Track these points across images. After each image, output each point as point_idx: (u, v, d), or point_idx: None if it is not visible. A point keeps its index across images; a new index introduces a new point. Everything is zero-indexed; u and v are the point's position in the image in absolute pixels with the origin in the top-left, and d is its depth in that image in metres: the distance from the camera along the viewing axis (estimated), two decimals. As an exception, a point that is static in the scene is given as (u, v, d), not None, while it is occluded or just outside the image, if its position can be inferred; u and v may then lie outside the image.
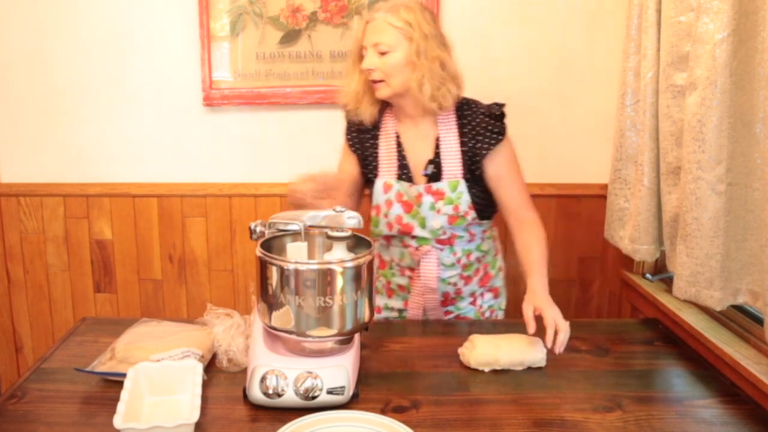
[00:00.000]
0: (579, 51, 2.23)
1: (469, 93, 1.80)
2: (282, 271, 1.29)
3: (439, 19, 2.19)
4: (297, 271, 1.28)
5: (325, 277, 1.28)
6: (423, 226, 1.68)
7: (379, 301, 1.86)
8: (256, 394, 1.28)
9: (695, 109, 1.44)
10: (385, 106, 1.72)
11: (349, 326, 1.33)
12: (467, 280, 1.76)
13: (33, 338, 2.48)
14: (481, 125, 1.66)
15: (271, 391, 1.27)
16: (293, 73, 2.25)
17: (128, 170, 2.36)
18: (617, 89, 1.87)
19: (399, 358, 1.53)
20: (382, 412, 1.28)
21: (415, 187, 1.67)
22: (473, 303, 1.80)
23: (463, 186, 1.66)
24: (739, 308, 1.62)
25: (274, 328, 1.33)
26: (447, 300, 1.77)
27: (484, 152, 1.65)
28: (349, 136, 1.77)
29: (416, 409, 1.31)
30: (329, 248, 1.38)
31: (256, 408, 1.30)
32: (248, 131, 2.32)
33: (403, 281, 1.79)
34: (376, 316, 1.85)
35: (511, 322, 1.80)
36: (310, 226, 1.37)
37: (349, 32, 2.22)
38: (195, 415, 1.18)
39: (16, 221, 2.40)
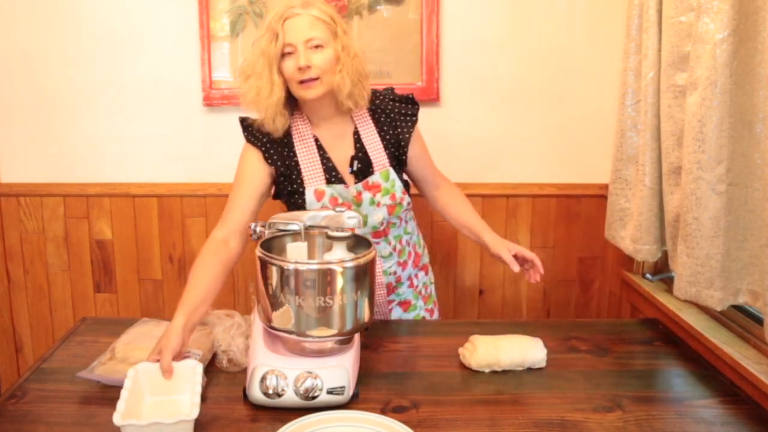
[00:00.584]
0: (579, 51, 2.23)
1: (469, 93, 1.80)
2: (282, 271, 1.29)
3: (440, 19, 2.19)
4: (297, 271, 1.28)
5: (325, 277, 1.28)
6: (363, 224, 1.63)
7: None
8: (256, 394, 1.28)
9: (695, 109, 1.44)
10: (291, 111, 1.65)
11: (349, 326, 1.33)
12: (403, 265, 1.76)
13: (33, 338, 2.48)
14: (395, 111, 1.69)
15: (271, 391, 1.28)
16: (293, 73, 2.25)
17: (128, 170, 2.36)
18: (618, 89, 1.87)
19: (399, 358, 1.53)
20: (382, 412, 1.28)
21: (353, 186, 1.63)
22: (411, 285, 1.80)
23: (393, 174, 1.67)
24: (739, 308, 1.62)
25: (274, 328, 1.33)
26: (389, 290, 1.76)
27: (407, 136, 1.68)
28: (263, 149, 1.64)
29: (416, 409, 1.31)
30: (329, 248, 1.38)
31: (256, 408, 1.30)
32: (248, 131, 2.32)
33: None
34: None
35: (510, 322, 1.81)
36: (310, 226, 1.37)
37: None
38: (194, 413, 1.18)
39: (16, 221, 2.40)
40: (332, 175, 1.64)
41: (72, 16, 2.26)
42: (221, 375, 1.44)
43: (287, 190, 1.65)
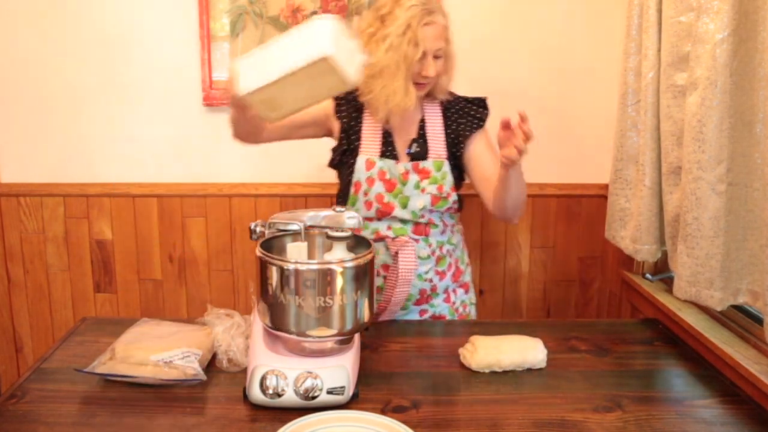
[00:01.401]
0: (579, 51, 2.23)
1: (469, 93, 1.80)
2: (282, 271, 1.29)
3: (439, 19, 2.19)
4: (297, 271, 1.28)
5: (325, 277, 1.28)
6: (404, 206, 1.67)
7: None
8: (256, 394, 1.28)
9: (695, 109, 1.44)
10: None
11: (349, 326, 1.33)
12: (441, 275, 1.76)
13: (33, 338, 2.48)
14: (464, 110, 1.73)
15: (271, 391, 1.28)
16: (293, 73, 2.25)
17: (128, 170, 2.36)
18: (617, 89, 1.87)
19: (399, 358, 1.53)
20: (382, 412, 1.28)
21: (402, 164, 1.67)
22: (447, 300, 1.80)
23: (447, 167, 1.69)
24: (739, 308, 1.62)
25: (274, 328, 1.33)
26: (423, 298, 1.76)
27: (467, 133, 1.70)
28: (336, 101, 1.72)
29: (416, 409, 1.31)
30: (329, 248, 1.38)
31: (256, 408, 1.30)
32: (248, 131, 2.32)
33: (377, 282, 1.74)
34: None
35: (510, 322, 1.81)
36: (310, 226, 1.37)
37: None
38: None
39: (16, 221, 2.40)
40: (388, 150, 1.69)
41: (72, 17, 2.26)
42: (221, 375, 1.44)
43: (342, 149, 1.71)
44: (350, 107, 1.71)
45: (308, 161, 2.33)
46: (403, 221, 1.69)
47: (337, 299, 1.29)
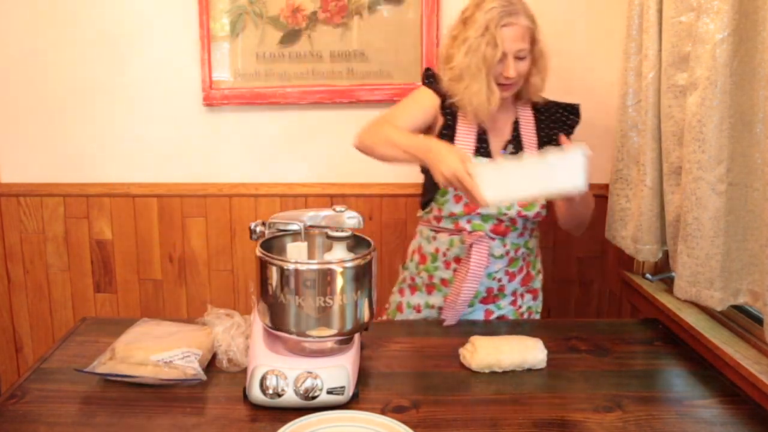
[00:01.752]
0: (579, 51, 2.23)
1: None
2: (282, 271, 1.29)
3: (440, 19, 2.19)
4: (297, 271, 1.28)
5: (325, 277, 1.28)
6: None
7: (419, 299, 1.83)
8: (256, 394, 1.28)
9: (695, 109, 1.44)
10: None
11: (349, 326, 1.33)
12: (511, 276, 1.77)
13: (33, 338, 2.48)
14: (556, 115, 1.74)
15: (271, 391, 1.27)
16: (293, 73, 2.25)
17: (128, 170, 2.36)
18: (618, 89, 1.87)
19: (399, 358, 1.53)
20: (382, 412, 1.28)
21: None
22: (513, 303, 1.80)
23: None
24: (739, 308, 1.62)
25: (274, 328, 1.33)
26: (489, 296, 1.76)
27: (558, 144, 1.66)
28: (442, 99, 1.69)
29: (416, 409, 1.31)
30: (329, 248, 1.38)
31: (256, 408, 1.30)
32: (248, 131, 2.32)
33: (447, 274, 1.76)
34: (416, 316, 1.84)
35: (510, 321, 1.81)
36: (310, 226, 1.37)
37: (350, 32, 2.22)
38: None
39: (16, 221, 2.40)
40: (482, 147, 1.69)
41: (72, 16, 2.26)
42: (221, 375, 1.43)
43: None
44: (452, 105, 1.70)
45: (308, 161, 2.33)
46: (486, 218, 1.70)
47: (337, 299, 1.29)
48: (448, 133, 1.69)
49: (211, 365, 1.47)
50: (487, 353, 1.45)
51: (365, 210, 2.32)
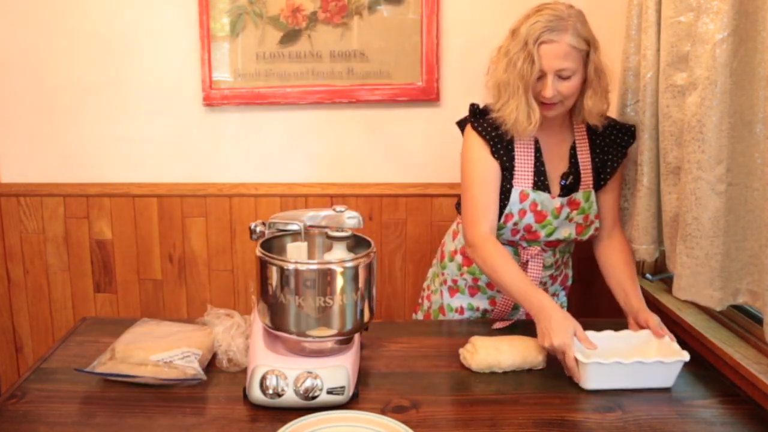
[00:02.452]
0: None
1: (469, 93, 1.80)
2: (282, 271, 1.29)
3: (440, 19, 2.19)
4: (297, 271, 1.28)
5: (325, 277, 1.29)
6: (550, 234, 1.66)
7: (460, 301, 1.81)
8: (256, 394, 1.28)
9: (695, 109, 1.44)
10: None
11: (349, 326, 1.33)
12: (554, 279, 1.78)
13: (33, 338, 2.48)
14: (611, 137, 1.66)
15: (271, 391, 1.28)
16: (293, 73, 2.25)
17: (128, 170, 2.36)
18: (617, 89, 1.87)
19: (399, 358, 1.53)
20: (382, 412, 1.28)
21: (558, 199, 1.63)
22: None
23: (593, 196, 1.66)
24: (739, 308, 1.62)
25: (274, 328, 1.33)
26: None
27: (615, 165, 1.66)
28: (491, 143, 1.61)
29: (416, 409, 1.31)
30: (329, 248, 1.38)
31: (256, 408, 1.30)
32: (248, 131, 2.32)
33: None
34: (458, 317, 1.83)
35: (510, 321, 1.80)
36: (310, 226, 1.37)
37: (350, 32, 2.22)
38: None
39: (16, 221, 2.40)
40: (540, 180, 1.64)
41: (72, 16, 2.26)
42: (221, 375, 1.44)
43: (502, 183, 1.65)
44: (502, 141, 1.62)
45: (308, 161, 2.33)
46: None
47: (337, 299, 1.29)
48: (506, 175, 1.63)
49: (211, 365, 1.47)
50: (487, 354, 1.45)
51: (365, 210, 2.32)
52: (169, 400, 1.34)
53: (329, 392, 1.28)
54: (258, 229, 1.37)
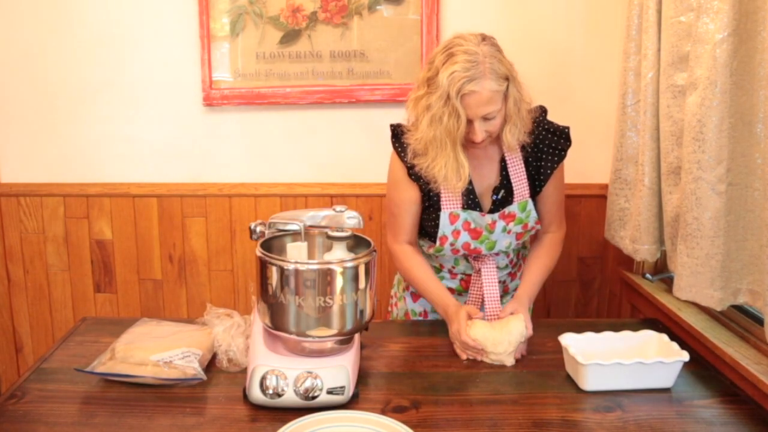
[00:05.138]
0: (579, 51, 2.23)
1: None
2: (282, 271, 1.29)
3: (440, 19, 2.19)
4: (297, 271, 1.28)
5: (325, 277, 1.28)
6: (491, 248, 1.66)
7: (423, 305, 1.82)
8: (256, 394, 1.28)
9: (695, 109, 1.44)
10: None
11: (349, 326, 1.33)
12: (512, 276, 1.78)
13: (33, 338, 2.48)
14: (545, 143, 1.64)
15: (271, 391, 1.28)
16: (293, 73, 2.25)
17: (128, 170, 2.36)
18: (617, 89, 1.87)
19: (399, 358, 1.53)
20: (382, 412, 1.28)
21: (489, 216, 1.62)
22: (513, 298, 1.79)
23: (530, 204, 1.66)
24: (739, 308, 1.62)
25: (274, 328, 1.33)
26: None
27: (549, 172, 1.65)
28: (408, 165, 1.61)
29: (416, 409, 1.31)
30: (329, 248, 1.38)
31: (256, 408, 1.30)
32: (248, 131, 2.32)
33: (453, 284, 1.75)
34: (420, 320, 1.83)
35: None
36: (310, 226, 1.37)
37: (350, 32, 2.22)
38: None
39: (16, 221, 2.40)
40: (470, 199, 1.63)
41: (72, 16, 2.26)
42: (221, 375, 1.44)
43: (424, 205, 1.66)
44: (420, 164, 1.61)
45: (308, 161, 2.33)
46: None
47: (337, 299, 1.29)
48: (430, 193, 1.62)
49: (211, 365, 1.47)
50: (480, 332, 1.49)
51: (365, 210, 2.32)
52: (169, 400, 1.34)
53: (329, 392, 1.28)
54: (258, 229, 1.37)
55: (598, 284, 2.40)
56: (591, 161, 2.29)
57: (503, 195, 1.64)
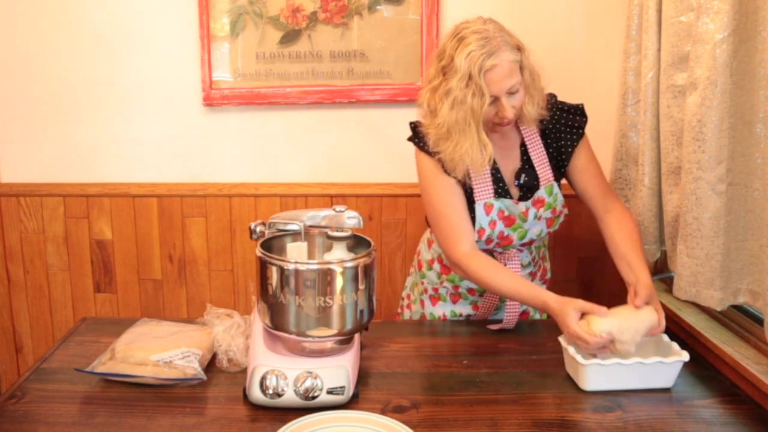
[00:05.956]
0: (579, 51, 2.23)
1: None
2: (282, 271, 1.29)
3: (440, 19, 2.19)
4: (297, 271, 1.28)
5: (325, 277, 1.28)
6: (522, 237, 1.66)
7: (443, 308, 1.79)
8: (256, 394, 1.28)
9: (695, 109, 1.44)
10: None
11: (349, 326, 1.33)
12: (533, 276, 1.77)
13: (33, 338, 2.48)
14: (561, 122, 1.65)
15: (271, 391, 1.28)
16: (293, 73, 2.26)
17: (128, 170, 2.36)
18: (617, 89, 1.87)
19: (399, 358, 1.53)
20: (382, 412, 1.28)
21: (522, 203, 1.63)
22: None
23: (556, 188, 1.66)
24: (739, 308, 1.62)
25: (274, 328, 1.33)
26: None
27: (570, 150, 1.64)
28: (437, 158, 1.58)
29: (416, 409, 1.31)
30: (329, 248, 1.38)
31: (256, 408, 1.30)
32: (248, 131, 2.32)
33: (475, 285, 1.73)
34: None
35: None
36: (310, 226, 1.37)
37: (350, 32, 2.22)
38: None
39: (16, 221, 2.40)
40: (500, 187, 1.63)
41: (72, 16, 2.26)
42: (221, 375, 1.44)
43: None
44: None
45: (308, 161, 2.33)
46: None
47: (337, 299, 1.29)
48: (464, 185, 1.61)
49: (211, 365, 1.47)
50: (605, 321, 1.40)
51: (365, 210, 2.32)
52: (169, 400, 1.34)
53: (329, 392, 1.28)
54: (258, 229, 1.37)
55: (598, 284, 2.40)
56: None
57: (525, 179, 1.64)
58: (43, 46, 2.28)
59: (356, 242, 1.42)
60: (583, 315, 1.42)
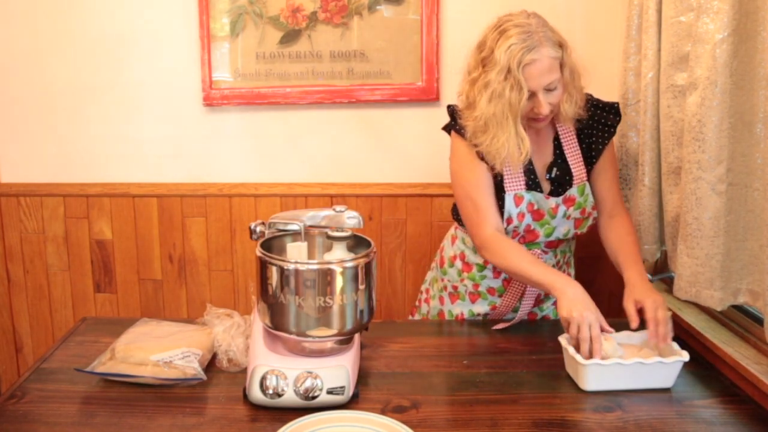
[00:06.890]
0: (579, 51, 2.22)
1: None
2: (282, 271, 1.29)
3: (440, 19, 2.19)
4: (297, 271, 1.28)
5: (325, 277, 1.28)
6: (548, 234, 1.65)
7: (461, 307, 1.79)
8: (256, 394, 1.28)
9: (695, 109, 1.44)
10: None
11: (349, 326, 1.33)
12: None
13: (33, 338, 2.48)
14: (594, 118, 1.64)
15: (271, 391, 1.28)
16: (293, 73, 2.25)
17: (128, 170, 2.36)
18: (617, 89, 1.87)
19: (399, 358, 1.53)
20: (382, 412, 1.28)
21: (553, 199, 1.62)
22: (555, 303, 1.78)
23: (588, 188, 1.65)
24: (739, 308, 1.62)
25: (274, 328, 1.33)
26: (536, 301, 1.74)
27: (600, 147, 1.63)
28: (473, 144, 1.58)
29: (416, 409, 1.31)
30: (329, 248, 1.38)
31: (256, 408, 1.30)
32: (248, 131, 2.32)
33: (495, 284, 1.73)
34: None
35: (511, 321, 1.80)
36: (310, 226, 1.37)
37: (350, 32, 2.22)
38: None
39: (16, 221, 2.40)
40: (531, 179, 1.62)
41: (72, 17, 2.26)
42: (221, 375, 1.44)
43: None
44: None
45: (308, 161, 2.33)
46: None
47: (337, 299, 1.29)
48: (497, 179, 1.61)
49: (211, 365, 1.47)
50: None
51: (365, 210, 2.32)
52: (169, 400, 1.34)
53: (329, 392, 1.28)
54: (258, 229, 1.37)
55: (598, 284, 2.40)
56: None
57: (557, 173, 1.63)
58: (43, 47, 2.28)
59: (356, 242, 1.42)
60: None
